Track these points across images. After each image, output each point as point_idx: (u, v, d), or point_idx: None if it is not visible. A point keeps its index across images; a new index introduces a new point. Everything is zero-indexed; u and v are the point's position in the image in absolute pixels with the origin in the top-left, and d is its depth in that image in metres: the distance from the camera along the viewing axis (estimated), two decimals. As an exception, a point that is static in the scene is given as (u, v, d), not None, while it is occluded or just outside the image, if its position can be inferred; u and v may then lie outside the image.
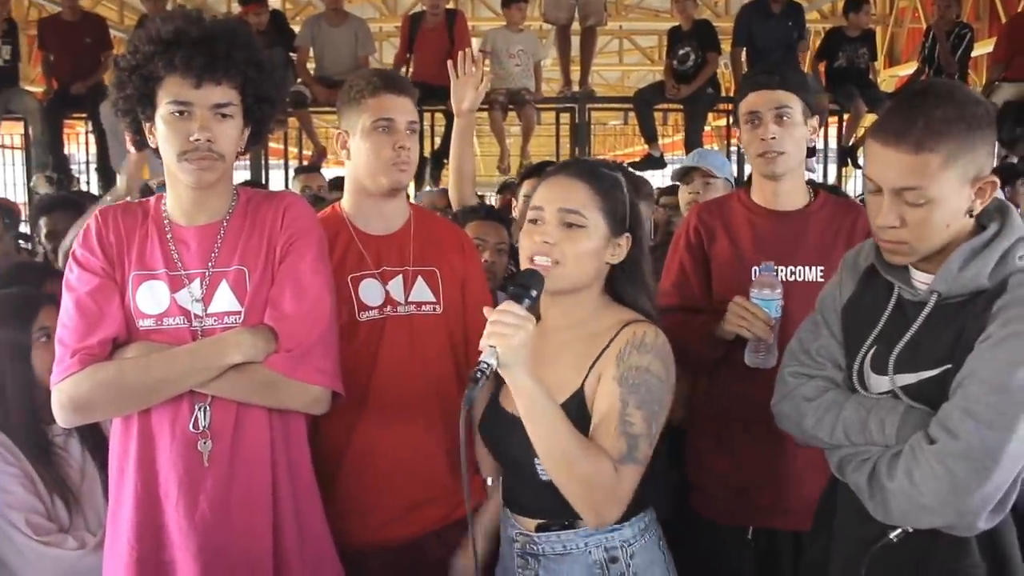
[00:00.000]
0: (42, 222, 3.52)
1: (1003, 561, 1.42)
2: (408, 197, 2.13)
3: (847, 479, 1.48)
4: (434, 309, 1.98)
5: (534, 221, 1.59)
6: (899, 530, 1.43)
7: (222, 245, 1.65)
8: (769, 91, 2.00)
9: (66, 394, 1.57)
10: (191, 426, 1.60)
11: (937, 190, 1.34)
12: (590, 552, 1.59)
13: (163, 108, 1.58)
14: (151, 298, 1.63)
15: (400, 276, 1.96)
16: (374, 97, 1.92)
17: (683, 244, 2.14)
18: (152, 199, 1.72)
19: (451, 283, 2.01)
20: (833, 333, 1.58)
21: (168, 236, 1.66)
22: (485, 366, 1.37)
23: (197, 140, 1.57)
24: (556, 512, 1.57)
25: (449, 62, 2.51)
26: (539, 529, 1.62)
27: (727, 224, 2.10)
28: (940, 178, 1.33)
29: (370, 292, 1.93)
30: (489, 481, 1.93)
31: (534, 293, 1.45)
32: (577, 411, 1.52)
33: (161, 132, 1.60)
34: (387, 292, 1.94)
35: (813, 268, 2.00)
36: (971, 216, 1.40)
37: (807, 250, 2.00)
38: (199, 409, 1.60)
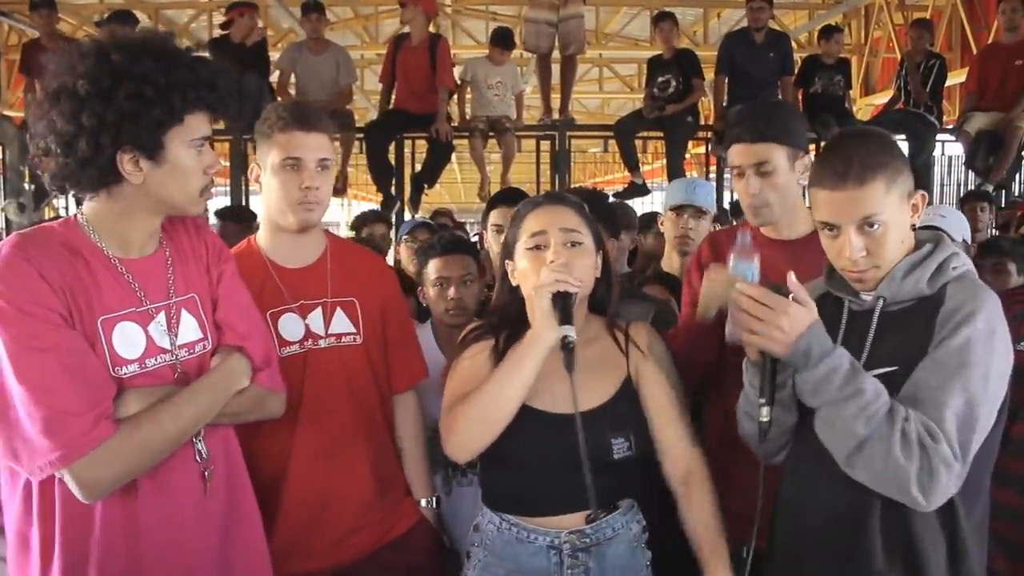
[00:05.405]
0: None
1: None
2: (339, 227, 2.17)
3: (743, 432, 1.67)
4: (355, 340, 1.98)
5: (539, 247, 1.71)
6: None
7: (174, 274, 1.59)
8: (750, 145, 2.01)
9: (101, 464, 1.38)
10: (196, 457, 1.56)
11: (888, 213, 1.53)
12: (630, 528, 1.73)
13: None
14: (128, 341, 1.49)
15: (319, 309, 1.95)
16: (283, 133, 1.87)
17: (696, 275, 2.13)
18: (57, 227, 1.51)
19: (370, 312, 2.01)
20: None
21: (121, 271, 1.51)
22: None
23: None
24: (617, 494, 1.71)
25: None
26: (589, 521, 1.68)
27: None
28: (886, 202, 1.53)
29: (290, 327, 1.91)
30: (423, 503, 2.06)
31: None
32: (631, 397, 1.76)
33: None
34: (307, 326, 1.93)
35: None
36: (913, 229, 1.60)
37: (811, 275, 1.99)
38: (196, 439, 1.55)
